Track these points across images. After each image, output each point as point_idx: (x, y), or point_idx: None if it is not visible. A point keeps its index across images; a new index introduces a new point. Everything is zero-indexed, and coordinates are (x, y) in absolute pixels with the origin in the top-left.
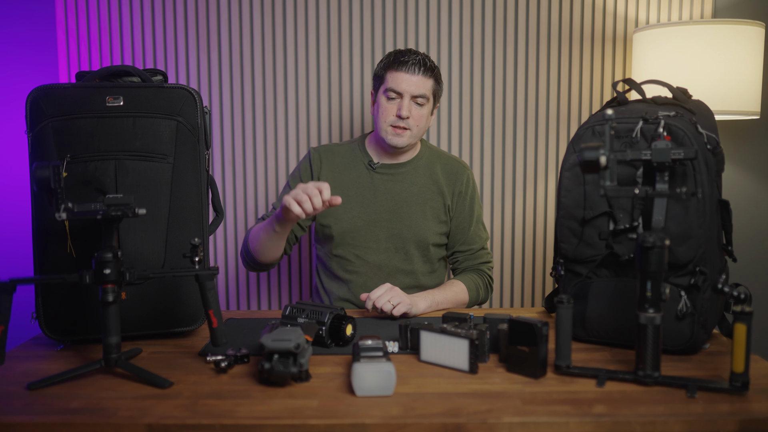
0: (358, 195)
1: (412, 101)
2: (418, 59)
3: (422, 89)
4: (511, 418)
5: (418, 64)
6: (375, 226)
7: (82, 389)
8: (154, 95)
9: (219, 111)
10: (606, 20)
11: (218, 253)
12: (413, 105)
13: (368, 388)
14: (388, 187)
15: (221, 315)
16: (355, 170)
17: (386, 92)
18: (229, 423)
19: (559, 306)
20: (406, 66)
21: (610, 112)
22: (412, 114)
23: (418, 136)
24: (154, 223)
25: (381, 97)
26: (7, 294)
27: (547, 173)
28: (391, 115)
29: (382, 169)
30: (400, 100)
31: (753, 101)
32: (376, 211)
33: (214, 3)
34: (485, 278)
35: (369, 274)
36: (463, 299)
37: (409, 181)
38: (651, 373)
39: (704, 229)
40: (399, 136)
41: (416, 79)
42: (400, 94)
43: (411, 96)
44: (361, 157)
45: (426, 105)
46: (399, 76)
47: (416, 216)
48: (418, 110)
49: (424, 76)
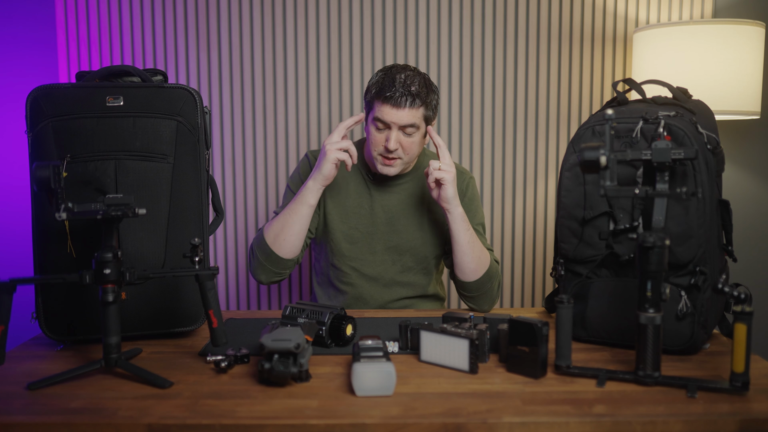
0: (356, 206)
1: (400, 131)
2: (405, 92)
3: (411, 119)
4: (511, 418)
5: (404, 96)
6: (372, 238)
7: (82, 389)
8: (154, 95)
9: (219, 111)
10: (606, 20)
11: (218, 253)
12: (402, 135)
13: (368, 388)
14: (386, 198)
15: (221, 315)
16: (353, 179)
17: (374, 122)
18: (229, 423)
19: (559, 306)
20: (392, 100)
21: (610, 112)
22: (402, 145)
23: (411, 162)
24: (154, 223)
25: (370, 125)
26: (7, 294)
27: (547, 173)
28: (380, 146)
29: (379, 180)
30: (388, 132)
31: (753, 101)
32: (373, 222)
33: (214, 3)
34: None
35: (365, 286)
36: (486, 261)
37: (406, 193)
38: (651, 373)
39: (704, 229)
40: (389, 167)
41: (404, 113)
42: (387, 125)
43: (399, 127)
44: (358, 166)
45: (416, 133)
46: (385, 110)
47: (413, 228)
48: (407, 140)
49: (412, 108)
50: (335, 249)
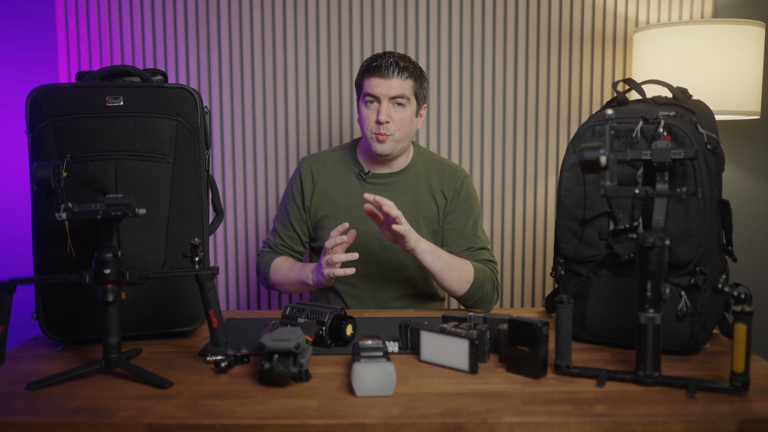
0: (349, 206)
1: (391, 104)
2: (391, 61)
3: (400, 90)
4: (511, 418)
5: (391, 66)
6: (367, 237)
7: (82, 389)
8: (154, 95)
9: (219, 111)
10: (606, 20)
11: (218, 253)
12: (393, 108)
13: (368, 388)
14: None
15: (221, 315)
16: (346, 180)
17: (364, 98)
18: (229, 423)
19: (559, 306)
20: (380, 71)
21: (610, 112)
22: (393, 118)
23: (403, 141)
24: (154, 223)
25: (361, 105)
26: (7, 294)
27: (547, 173)
28: (372, 122)
29: (373, 179)
30: (378, 105)
31: (753, 101)
32: (367, 222)
33: (214, 3)
34: (490, 273)
35: (362, 285)
36: (468, 275)
37: (401, 191)
38: (651, 373)
39: (704, 229)
40: (381, 144)
41: (392, 82)
42: (377, 98)
43: (389, 98)
44: (351, 165)
45: (407, 106)
46: (374, 81)
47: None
48: (398, 113)
49: (401, 78)
50: None
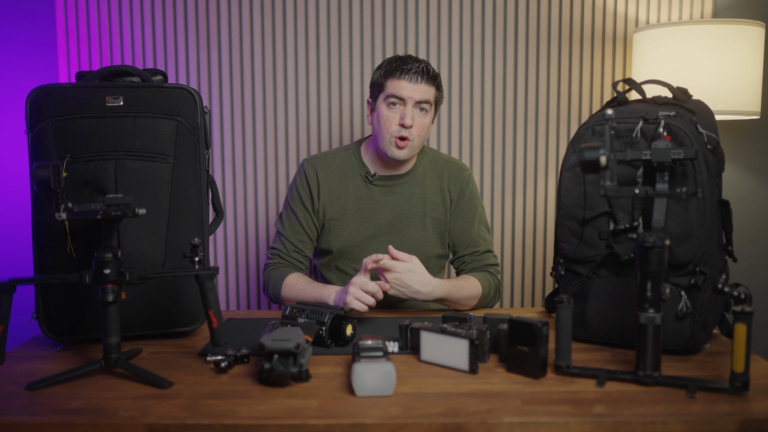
0: (356, 209)
1: (415, 108)
2: (421, 67)
3: (426, 95)
4: (511, 418)
5: (420, 72)
6: (374, 240)
7: (82, 389)
8: (154, 95)
9: (219, 111)
10: (606, 20)
11: (218, 253)
12: (416, 112)
13: (368, 388)
14: (387, 199)
15: (221, 315)
16: (352, 182)
17: (387, 99)
18: (229, 423)
19: (559, 306)
20: (408, 75)
21: (610, 112)
22: (415, 123)
23: (417, 148)
24: (154, 223)
25: (381, 105)
26: (7, 294)
27: (547, 173)
28: (394, 125)
29: (379, 181)
30: (402, 108)
31: (753, 101)
32: (375, 225)
33: (214, 3)
34: (494, 280)
35: None
36: (476, 292)
37: (407, 193)
38: (651, 373)
39: (704, 229)
40: (401, 150)
41: (420, 87)
42: (402, 100)
43: (414, 102)
44: (357, 167)
45: (429, 112)
46: (402, 84)
47: (416, 228)
48: (421, 119)
49: (427, 84)
50: (338, 253)
